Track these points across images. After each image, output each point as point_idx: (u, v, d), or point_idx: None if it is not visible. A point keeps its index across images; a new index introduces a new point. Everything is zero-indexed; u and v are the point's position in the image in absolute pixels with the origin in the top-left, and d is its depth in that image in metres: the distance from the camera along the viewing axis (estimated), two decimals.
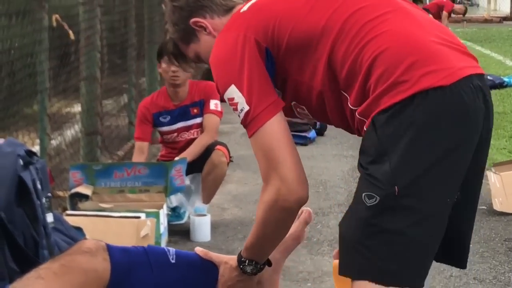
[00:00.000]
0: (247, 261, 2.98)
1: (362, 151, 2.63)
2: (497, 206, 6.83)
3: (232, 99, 2.71)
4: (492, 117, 2.72)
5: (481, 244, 6.16)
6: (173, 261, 3.04)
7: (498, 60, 18.09)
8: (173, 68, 6.37)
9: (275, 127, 2.69)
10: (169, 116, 6.68)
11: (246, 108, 2.69)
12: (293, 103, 2.84)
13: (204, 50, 2.95)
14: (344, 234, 2.65)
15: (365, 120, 2.63)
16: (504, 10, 35.23)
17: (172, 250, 3.10)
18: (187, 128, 6.66)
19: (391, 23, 2.65)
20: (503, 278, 5.46)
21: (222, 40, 2.79)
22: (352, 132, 2.85)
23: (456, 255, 2.85)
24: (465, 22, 29.26)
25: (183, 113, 6.64)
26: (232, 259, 3.02)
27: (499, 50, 20.14)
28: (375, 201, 2.54)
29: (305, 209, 3.01)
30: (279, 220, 2.79)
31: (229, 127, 9.97)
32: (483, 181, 7.15)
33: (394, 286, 2.55)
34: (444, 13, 20.21)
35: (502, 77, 14.10)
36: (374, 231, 2.55)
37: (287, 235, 3.05)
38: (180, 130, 6.68)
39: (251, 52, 2.71)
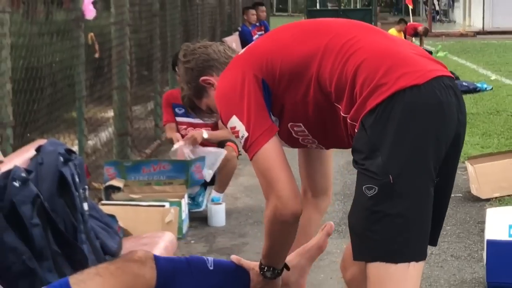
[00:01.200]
0: (265, 268, 2.95)
1: (355, 150, 2.63)
2: (473, 191, 6.88)
3: (234, 127, 2.72)
4: (465, 113, 2.73)
5: (457, 226, 6.18)
6: (211, 268, 3.01)
7: (472, 69, 18.02)
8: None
9: (270, 150, 2.69)
10: (183, 109, 6.55)
11: (246, 135, 2.69)
12: (289, 124, 2.82)
13: (214, 103, 2.94)
14: (353, 224, 2.64)
15: (355, 123, 2.63)
16: (477, 26, 35.01)
17: (210, 259, 3.04)
18: (193, 126, 6.62)
19: (365, 40, 2.68)
20: (476, 255, 5.47)
21: (224, 78, 2.82)
22: (344, 147, 2.85)
23: (431, 234, 2.76)
24: (443, 36, 29.03)
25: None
26: (257, 266, 2.99)
27: (473, 60, 20.07)
28: (374, 191, 2.55)
29: (328, 223, 2.95)
30: (280, 231, 2.78)
31: None
32: (459, 172, 7.22)
33: (403, 262, 2.55)
34: (408, 37, 19.86)
35: (475, 83, 14.12)
36: (378, 217, 2.55)
37: (311, 245, 3.03)
38: (188, 125, 6.65)
39: (249, 85, 2.72)
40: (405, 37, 18.14)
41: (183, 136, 6.66)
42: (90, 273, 2.86)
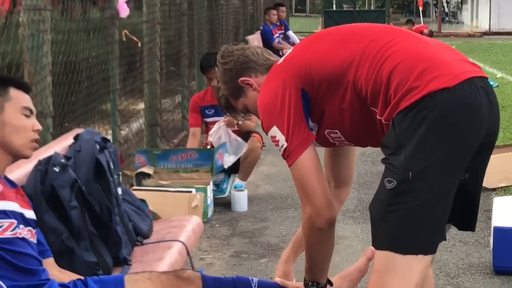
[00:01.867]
0: (309, 283, 2.97)
1: (383, 145, 2.62)
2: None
3: (275, 137, 2.74)
4: (497, 112, 2.67)
5: None
6: None
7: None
8: (214, 83, 6.44)
9: (306, 160, 2.71)
10: (213, 110, 6.67)
11: (285, 145, 2.72)
12: (326, 131, 2.81)
13: (251, 103, 2.97)
14: (372, 213, 2.64)
15: (389, 123, 2.61)
16: (484, 27, 34.85)
17: (255, 279, 3.06)
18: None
19: (400, 44, 2.65)
20: (483, 241, 5.46)
21: (266, 88, 2.81)
22: (376, 145, 2.82)
23: (469, 219, 2.80)
24: (452, 36, 28.86)
25: None
26: (302, 285, 2.99)
27: (480, 59, 19.93)
28: (393, 185, 2.53)
29: (370, 248, 2.86)
30: (317, 238, 2.80)
31: None
32: None
33: (410, 254, 2.52)
34: None
35: None
36: (393, 209, 2.53)
37: (353, 268, 3.06)
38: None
39: (290, 96, 2.72)
40: None
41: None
42: (143, 276, 2.93)
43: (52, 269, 2.97)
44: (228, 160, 6.49)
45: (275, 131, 2.74)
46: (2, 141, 2.79)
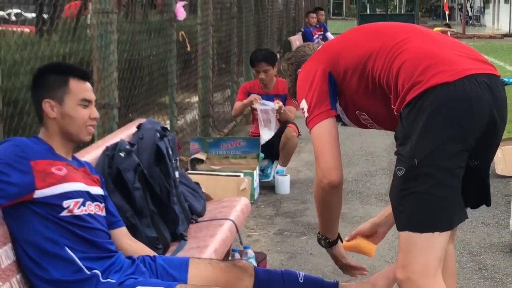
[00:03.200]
0: (320, 236, 3.08)
1: (395, 137, 2.63)
2: (498, 171, 6.76)
3: (303, 108, 2.82)
4: (502, 105, 2.62)
5: None
6: (301, 281, 3.05)
7: (500, 66, 17.66)
8: (261, 76, 6.51)
9: (322, 128, 2.77)
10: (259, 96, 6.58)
11: (307, 114, 2.80)
12: (357, 112, 2.84)
13: None
14: (391, 200, 2.65)
15: (399, 115, 2.61)
16: (504, 29, 34.42)
17: (302, 274, 3.08)
18: (267, 111, 6.47)
19: (411, 43, 2.64)
20: (503, 223, 5.41)
21: (303, 70, 2.89)
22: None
23: (483, 198, 2.77)
24: (475, 38, 28.53)
25: (269, 99, 6.53)
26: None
27: (501, 58, 19.73)
28: (402, 172, 2.53)
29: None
30: (321, 197, 2.86)
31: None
32: None
33: (426, 232, 2.51)
34: None
35: (503, 78, 13.86)
36: (405, 194, 2.54)
37: (391, 268, 3.12)
38: (266, 110, 6.49)
39: (318, 76, 2.79)
40: None
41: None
42: (205, 261, 2.99)
43: (125, 238, 3.00)
44: (265, 132, 6.51)
45: (303, 103, 2.82)
46: (62, 130, 2.78)
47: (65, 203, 2.66)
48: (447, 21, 28.41)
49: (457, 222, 2.61)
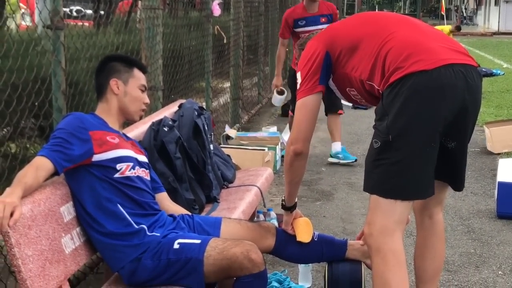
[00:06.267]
0: (282, 198, 3.04)
1: (375, 113, 2.57)
2: (488, 148, 6.75)
3: (298, 79, 2.74)
4: (476, 91, 2.54)
5: (476, 171, 6.09)
6: (315, 239, 3.05)
7: (489, 59, 17.49)
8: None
9: (304, 103, 2.70)
10: (304, 21, 6.32)
11: (298, 86, 2.73)
12: (347, 89, 2.74)
13: None
14: (366, 165, 2.60)
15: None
16: (494, 28, 34.02)
17: (316, 233, 3.07)
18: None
19: (399, 32, 2.57)
20: (489, 193, 5.41)
21: (307, 45, 2.80)
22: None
23: (456, 181, 2.75)
24: (469, 35, 28.16)
25: (315, 20, 6.23)
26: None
27: (490, 53, 19.53)
28: (378, 145, 2.50)
29: None
30: (286, 161, 2.80)
31: None
32: (478, 133, 7.10)
33: (390, 198, 2.49)
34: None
35: (492, 69, 13.72)
36: (378, 164, 2.51)
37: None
38: (311, 31, 6.42)
39: (315, 54, 2.69)
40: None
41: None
42: (235, 220, 3.02)
43: (165, 201, 3.01)
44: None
45: (299, 75, 2.73)
46: (122, 106, 2.84)
47: (118, 166, 2.68)
48: (445, 21, 28.01)
49: (419, 196, 2.57)
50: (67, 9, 6.45)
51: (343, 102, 4.68)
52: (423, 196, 2.58)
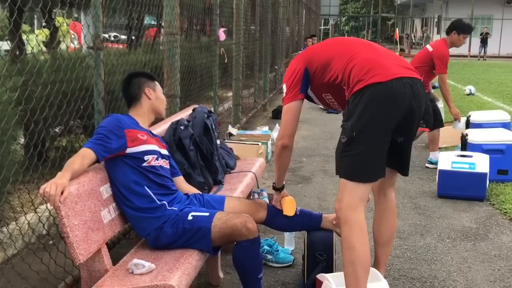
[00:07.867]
0: (274, 181, 2.96)
1: (342, 115, 2.54)
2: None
3: (283, 89, 2.71)
4: (420, 98, 2.50)
5: (421, 162, 6.04)
6: (298, 213, 3.00)
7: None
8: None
9: (288, 109, 2.67)
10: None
11: (284, 95, 2.70)
12: (323, 94, 2.70)
13: None
14: (335, 156, 2.57)
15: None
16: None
17: (298, 208, 3.01)
18: None
19: (362, 53, 2.54)
20: (432, 178, 5.40)
21: (290, 64, 2.75)
22: None
23: (403, 168, 2.73)
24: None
25: None
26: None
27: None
28: (344, 140, 2.47)
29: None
30: (276, 153, 2.75)
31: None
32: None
33: (355, 181, 2.46)
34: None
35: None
36: (345, 155, 2.48)
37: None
38: None
39: (296, 70, 2.67)
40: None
41: None
42: (235, 198, 2.96)
43: (181, 183, 3.00)
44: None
45: (284, 87, 2.71)
46: (155, 107, 2.85)
47: (146, 157, 2.67)
48: (399, 46, 27.94)
49: (375, 178, 2.54)
50: (106, 35, 6.41)
51: (320, 106, 4.67)
52: (377, 178, 2.56)
